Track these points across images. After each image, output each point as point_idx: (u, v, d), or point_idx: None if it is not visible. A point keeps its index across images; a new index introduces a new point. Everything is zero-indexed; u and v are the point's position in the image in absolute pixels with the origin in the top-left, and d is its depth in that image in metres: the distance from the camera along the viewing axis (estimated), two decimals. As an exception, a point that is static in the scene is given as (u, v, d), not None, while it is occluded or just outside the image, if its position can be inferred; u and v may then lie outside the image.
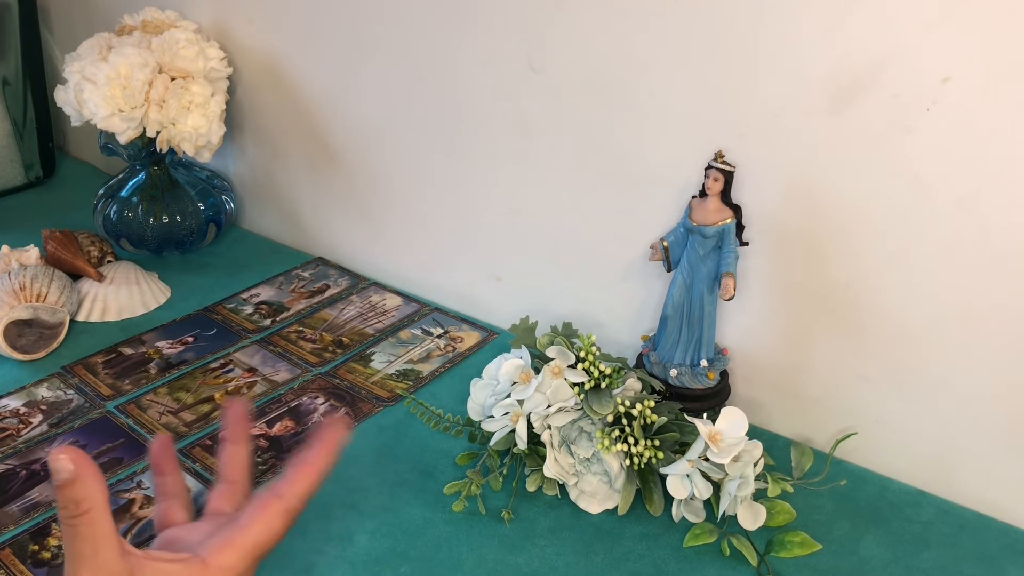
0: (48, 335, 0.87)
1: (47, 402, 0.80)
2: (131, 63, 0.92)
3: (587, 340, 0.68)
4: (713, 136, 0.72)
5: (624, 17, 0.73)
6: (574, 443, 0.68)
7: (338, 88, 0.98)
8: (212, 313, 0.94)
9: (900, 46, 0.62)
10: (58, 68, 1.24)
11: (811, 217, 0.70)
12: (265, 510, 0.46)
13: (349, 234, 1.05)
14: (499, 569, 0.63)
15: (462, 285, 0.96)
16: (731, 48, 0.69)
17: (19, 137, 1.22)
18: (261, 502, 0.46)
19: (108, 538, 0.41)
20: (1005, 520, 0.69)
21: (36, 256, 0.93)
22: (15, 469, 0.72)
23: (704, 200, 0.71)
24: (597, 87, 0.77)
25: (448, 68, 0.87)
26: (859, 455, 0.74)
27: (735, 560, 0.64)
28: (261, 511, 0.45)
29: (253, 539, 0.45)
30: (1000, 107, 0.60)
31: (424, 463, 0.73)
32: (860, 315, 0.71)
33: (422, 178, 0.95)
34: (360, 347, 0.89)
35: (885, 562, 0.64)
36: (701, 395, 0.75)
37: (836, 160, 0.68)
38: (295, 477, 0.47)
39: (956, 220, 0.64)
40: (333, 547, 0.65)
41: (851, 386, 0.74)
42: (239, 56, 1.04)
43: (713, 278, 0.73)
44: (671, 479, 0.65)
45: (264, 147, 1.09)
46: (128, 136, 0.94)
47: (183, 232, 1.04)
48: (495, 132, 0.86)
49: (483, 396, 0.71)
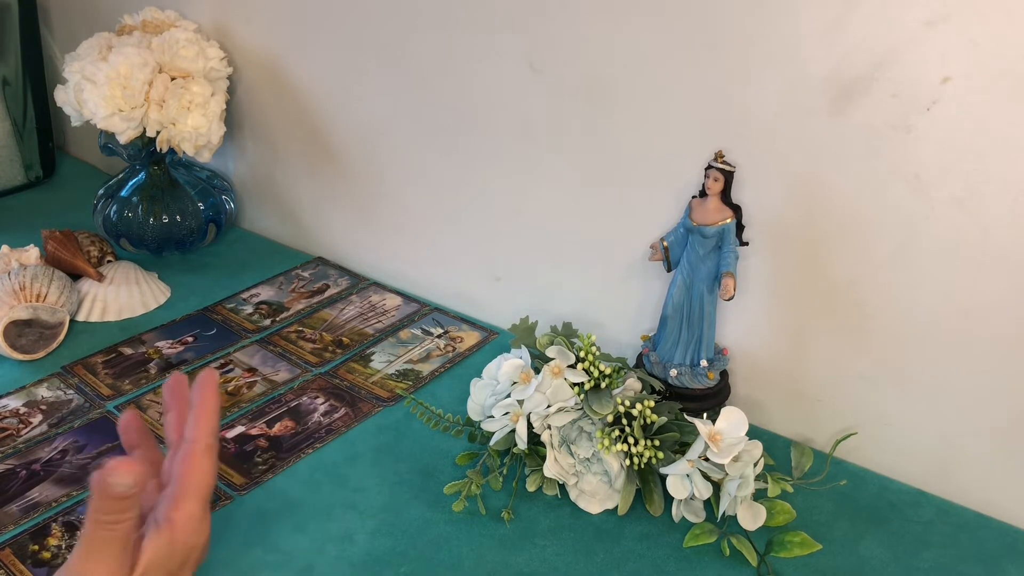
0: (48, 335, 0.87)
1: (47, 402, 0.80)
2: (131, 63, 0.92)
3: (587, 340, 0.68)
4: (713, 136, 0.72)
5: (624, 17, 0.73)
6: (574, 443, 0.68)
7: (338, 88, 0.98)
8: (212, 313, 0.94)
9: (900, 46, 0.62)
10: (58, 68, 1.24)
11: (811, 217, 0.70)
12: (191, 457, 0.49)
13: (349, 234, 1.05)
14: (499, 569, 0.63)
15: (462, 285, 0.96)
16: (731, 48, 0.69)
17: (19, 137, 1.22)
18: (183, 453, 0.49)
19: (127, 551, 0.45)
20: (1005, 520, 0.69)
21: (36, 256, 0.93)
22: (15, 469, 0.72)
23: (704, 200, 0.71)
24: (597, 87, 0.77)
25: (448, 68, 0.87)
26: (859, 455, 0.74)
27: (735, 560, 0.64)
28: (188, 459, 0.49)
29: (196, 483, 0.49)
30: (1000, 107, 0.60)
31: (424, 463, 0.73)
32: (860, 315, 0.71)
33: (422, 178, 0.95)
34: (360, 347, 0.89)
35: (885, 562, 0.64)
36: (701, 395, 0.75)
37: (836, 160, 0.68)
38: (197, 421, 0.50)
39: (956, 220, 0.64)
40: (333, 547, 0.65)
41: (851, 386, 0.74)
42: (239, 56, 1.04)
43: (713, 278, 0.73)
44: (671, 479, 0.65)
45: (264, 147, 1.09)
46: (128, 136, 0.94)
47: (183, 232, 1.04)
48: (495, 132, 0.86)
49: (483, 396, 0.71)
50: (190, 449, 0.49)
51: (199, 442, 0.49)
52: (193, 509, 0.48)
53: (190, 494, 0.48)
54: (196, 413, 0.50)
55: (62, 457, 0.73)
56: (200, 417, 0.50)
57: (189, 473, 0.49)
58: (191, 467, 0.49)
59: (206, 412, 0.51)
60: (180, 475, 0.49)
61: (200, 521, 0.49)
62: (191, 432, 0.50)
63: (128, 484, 0.43)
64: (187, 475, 0.49)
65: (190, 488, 0.48)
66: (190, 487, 0.48)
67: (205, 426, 0.50)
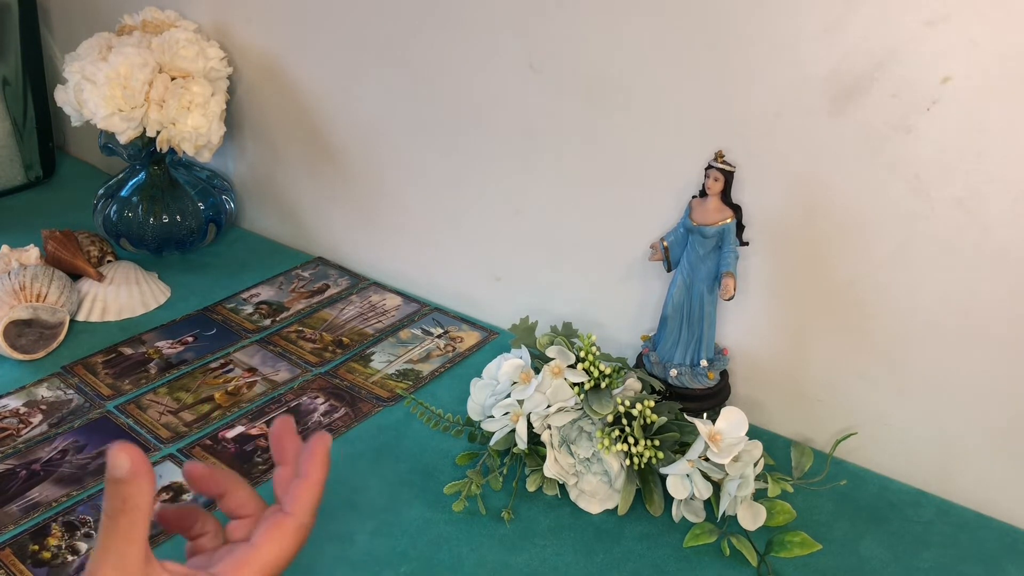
0: (48, 335, 0.87)
1: (47, 402, 0.80)
2: (131, 63, 0.92)
3: (587, 340, 0.68)
4: (713, 136, 0.72)
5: (624, 17, 0.73)
6: (574, 443, 0.68)
7: (338, 88, 0.98)
8: (212, 313, 0.94)
9: (900, 46, 0.62)
10: (58, 68, 1.24)
11: (811, 217, 0.70)
12: (277, 528, 0.46)
13: (349, 234, 1.05)
14: (499, 569, 0.63)
15: (462, 285, 0.96)
16: (731, 48, 0.69)
17: (19, 137, 1.22)
18: (272, 521, 0.46)
19: (139, 541, 0.42)
20: (1005, 520, 0.69)
21: (36, 256, 0.93)
22: (15, 469, 0.72)
23: (704, 200, 0.71)
24: (597, 87, 0.77)
25: (448, 68, 0.87)
26: (859, 455, 0.74)
27: (735, 560, 0.64)
28: (273, 530, 0.46)
29: (265, 558, 0.45)
30: (1000, 107, 0.60)
31: (424, 463, 0.73)
32: (860, 315, 0.71)
33: (422, 178, 0.95)
34: (360, 347, 0.89)
35: (885, 562, 0.64)
36: (701, 395, 0.75)
37: (836, 160, 0.68)
38: (299, 493, 0.47)
39: (956, 220, 0.64)
40: (333, 547, 0.65)
41: (851, 386, 0.74)
42: (239, 56, 1.04)
43: (713, 278, 0.73)
44: (671, 479, 0.65)
45: (264, 147, 1.09)
46: (128, 136, 0.94)
47: (183, 232, 1.04)
48: (495, 132, 0.86)
49: (483, 396, 0.71)
50: (281, 520, 0.46)
51: (295, 517, 0.46)
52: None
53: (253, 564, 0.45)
54: (302, 485, 0.47)
55: (62, 457, 0.73)
56: (304, 490, 0.46)
57: (265, 543, 0.45)
58: (271, 538, 0.45)
59: (312, 486, 0.47)
60: (256, 540, 0.45)
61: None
62: (290, 503, 0.46)
63: (122, 466, 0.40)
64: (262, 545, 0.45)
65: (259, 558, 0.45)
66: (259, 558, 0.45)
67: (307, 502, 0.46)
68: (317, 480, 0.47)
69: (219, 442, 0.75)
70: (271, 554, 0.45)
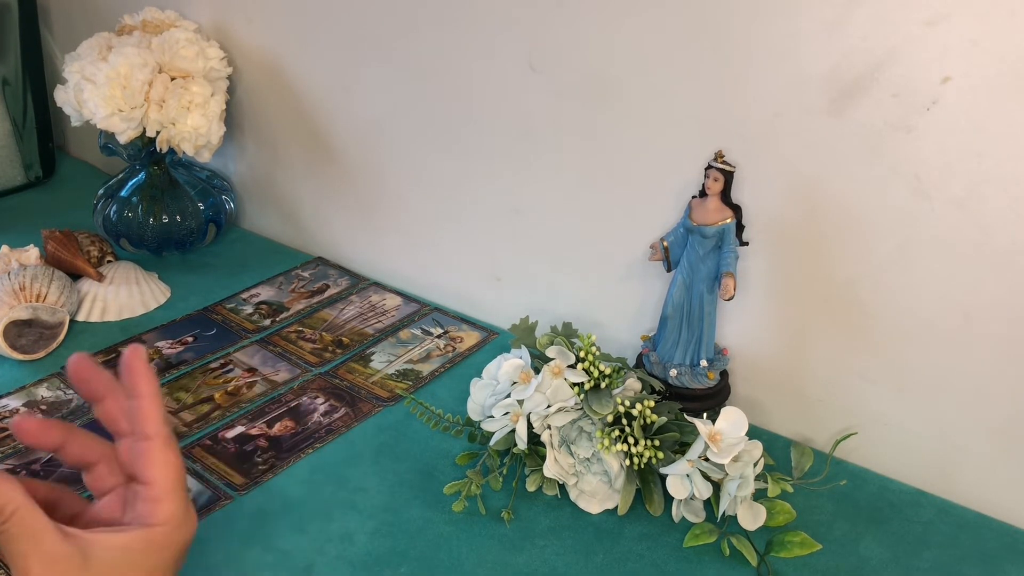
0: (48, 335, 0.87)
1: (47, 402, 0.80)
2: (131, 63, 0.92)
3: (587, 340, 0.68)
4: (713, 136, 0.72)
5: (624, 17, 0.73)
6: (574, 443, 0.68)
7: (338, 88, 0.98)
8: (212, 313, 0.94)
9: (900, 46, 0.62)
10: (58, 68, 1.24)
11: (811, 217, 0.70)
12: (153, 454, 0.47)
13: (349, 234, 1.05)
14: (499, 569, 0.63)
15: (462, 285, 0.96)
16: (731, 48, 0.69)
17: (19, 137, 1.22)
18: (142, 452, 0.47)
19: (44, 529, 0.42)
20: (1005, 520, 0.69)
21: (36, 256, 0.93)
22: (15, 469, 0.72)
23: (704, 200, 0.71)
24: (597, 87, 0.77)
25: (448, 68, 0.87)
26: (859, 455, 0.74)
27: (735, 560, 0.64)
28: (149, 456, 0.47)
29: (169, 481, 0.47)
30: (1000, 107, 0.60)
31: (424, 463, 0.73)
32: (860, 315, 0.71)
33: (422, 178, 0.95)
34: (360, 347, 0.89)
35: (885, 562, 0.64)
36: (701, 395, 0.75)
37: (836, 160, 0.68)
38: (143, 413, 0.47)
39: (956, 220, 0.64)
40: (333, 547, 0.65)
41: (851, 386, 0.74)
42: (239, 56, 1.04)
43: (713, 278, 0.73)
44: (671, 479, 0.65)
45: (264, 147, 1.09)
46: (128, 136, 0.94)
47: (183, 232, 1.04)
48: (495, 132, 0.86)
49: (483, 396, 0.71)
50: (150, 447, 0.47)
51: (157, 437, 0.47)
52: (175, 509, 0.46)
53: (167, 494, 0.46)
54: (140, 405, 0.47)
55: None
56: (147, 408, 0.47)
57: (157, 471, 0.46)
58: (158, 465, 0.46)
59: (151, 401, 0.47)
60: (150, 478, 0.46)
61: (184, 516, 0.47)
62: (143, 427, 0.47)
63: None
64: (157, 475, 0.46)
65: (166, 488, 0.46)
66: (165, 487, 0.46)
67: (156, 417, 0.47)
68: (151, 392, 0.48)
69: (219, 442, 0.75)
70: (169, 475, 0.47)
